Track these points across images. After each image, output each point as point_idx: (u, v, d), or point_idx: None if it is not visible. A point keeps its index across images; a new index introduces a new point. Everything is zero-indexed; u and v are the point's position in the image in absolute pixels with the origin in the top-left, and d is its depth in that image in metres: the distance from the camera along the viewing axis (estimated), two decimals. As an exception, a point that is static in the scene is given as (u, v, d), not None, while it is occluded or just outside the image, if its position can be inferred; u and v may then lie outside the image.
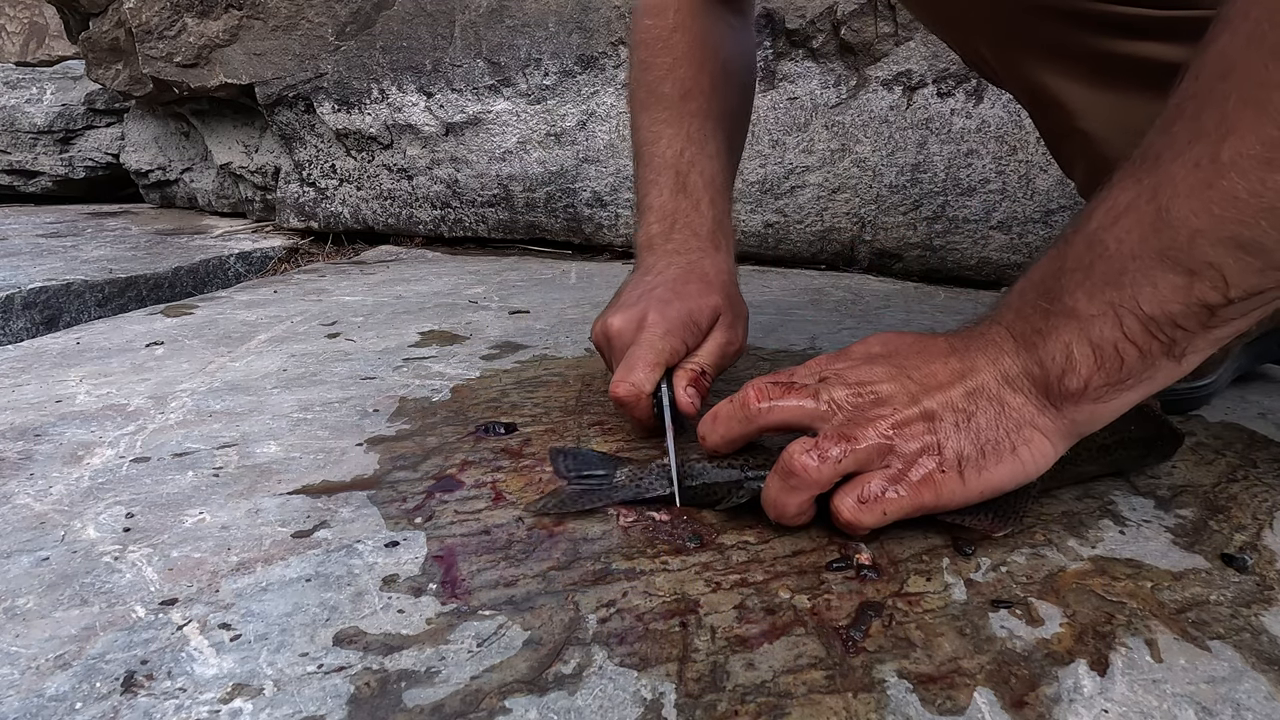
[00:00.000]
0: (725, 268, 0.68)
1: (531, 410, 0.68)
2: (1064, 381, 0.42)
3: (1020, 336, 0.44)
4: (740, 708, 0.35)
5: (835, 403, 0.45)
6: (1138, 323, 0.39)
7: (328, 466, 0.58)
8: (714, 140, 0.71)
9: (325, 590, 0.43)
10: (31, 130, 2.22)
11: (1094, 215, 0.41)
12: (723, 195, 0.71)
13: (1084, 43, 0.55)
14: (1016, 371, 0.44)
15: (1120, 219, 0.39)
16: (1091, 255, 0.41)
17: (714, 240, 0.68)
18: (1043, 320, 0.43)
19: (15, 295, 1.15)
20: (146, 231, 1.72)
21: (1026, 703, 0.35)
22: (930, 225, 1.27)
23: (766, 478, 0.47)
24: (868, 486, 0.44)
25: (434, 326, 0.96)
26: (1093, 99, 0.57)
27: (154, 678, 0.36)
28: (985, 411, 0.44)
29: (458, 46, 1.46)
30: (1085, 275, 0.41)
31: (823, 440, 0.44)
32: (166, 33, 1.61)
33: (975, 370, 0.45)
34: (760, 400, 0.47)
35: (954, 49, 0.69)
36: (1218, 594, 0.42)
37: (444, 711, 0.34)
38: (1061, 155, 0.66)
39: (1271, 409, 0.68)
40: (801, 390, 0.47)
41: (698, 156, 0.70)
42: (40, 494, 0.54)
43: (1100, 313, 0.40)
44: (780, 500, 0.46)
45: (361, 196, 1.62)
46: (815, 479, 0.44)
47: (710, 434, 0.50)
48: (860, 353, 0.49)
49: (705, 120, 0.71)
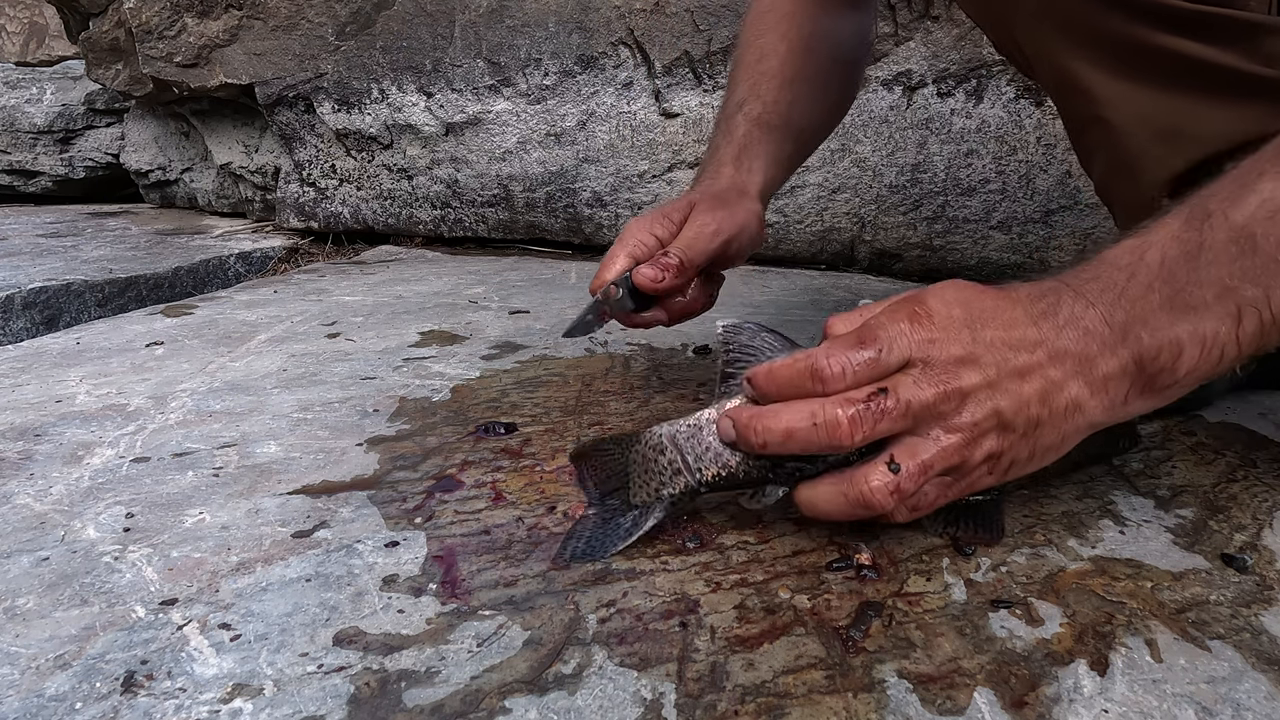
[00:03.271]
0: (732, 179, 0.70)
1: (531, 410, 0.68)
2: (1158, 379, 0.41)
3: (1120, 327, 0.41)
4: (740, 708, 0.34)
5: (916, 411, 0.41)
6: (1257, 323, 0.39)
7: (328, 466, 0.58)
8: (777, 91, 0.73)
9: (325, 590, 0.43)
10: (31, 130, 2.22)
11: (1243, 205, 0.39)
12: (764, 128, 0.72)
13: (1118, 31, 0.55)
14: (1113, 372, 0.41)
15: (1277, 215, 0.38)
16: (1239, 249, 0.39)
17: (736, 162, 0.70)
18: (1156, 312, 0.40)
19: (15, 295, 1.15)
20: (146, 231, 1.72)
21: (1026, 703, 0.35)
22: (930, 225, 1.27)
23: (815, 482, 0.43)
24: (924, 499, 0.43)
25: (434, 326, 0.96)
26: (1119, 90, 0.57)
27: (154, 678, 0.36)
28: (1055, 420, 0.42)
29: (458, 46, 1.46)
30: (1225, 268, 0.39)
31: (905, 480, 0.41)
32: (166, 33, 1.61)
33: (1060, 361, 0.41)
34: (849, 436, 0.40)
35: (986, 32, 0.70)
36: (1218, 594, 0.42)
37: (444, 711, 0.34)
38: (1081, 146, 0.66)
39: (1271, 409, 0.68)
40: (886, 415, 0.41)
41: (748, 99, 0.73)
42: (40, 494, 0.54)
43: (1227, 310, 0.39)
44: (834, 513, 0.43)
45: (361, 196, 1.62)
46: (882, 511, 0.42)
47: (765, 386, 0.44)
48: (942, 315, 0.42)
49: (773, 77, 0.73)
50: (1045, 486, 0.54)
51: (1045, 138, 1.18)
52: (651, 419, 0.66)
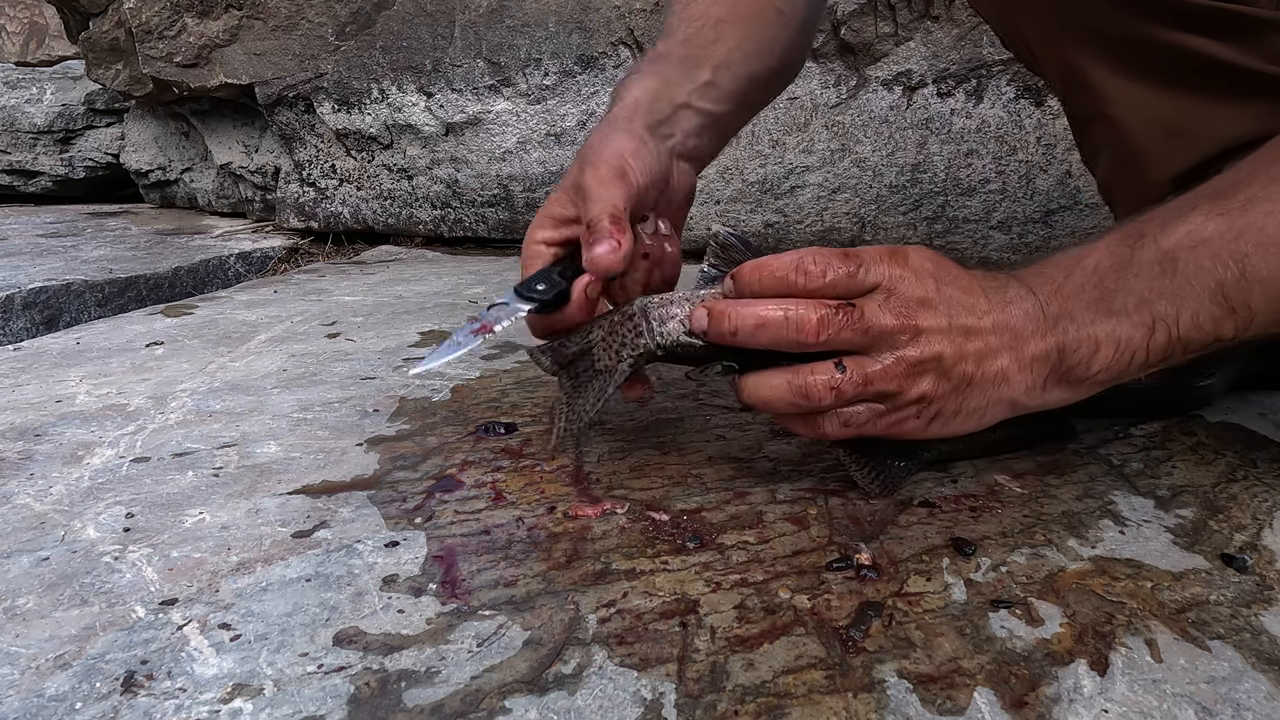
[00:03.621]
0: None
1: (531, 410, 0.68)
2: (1073, 370, 0.45)
3: (1052, 317, 0.45)
4: (740, 708, 0.34)
5: (876, 332, 0.45)
6: (1166, 336, 0.43)
7: (328, 466, 0.58)
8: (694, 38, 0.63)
9: (325, 590, 0.43)
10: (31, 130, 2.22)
11: (1172, 232, 0.44)
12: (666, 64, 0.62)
13: (1128, 29, 0.55)
14: (1039, 354, 0.45)
15: (1199, 247, 0.43)
16: (1160, 269, 0.44)
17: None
18: (1083, 310, 0.45)
19: (15, 295, 1.15)
20: (146, 231, 1.72)
21: (1026, 703, 0.35)
22: (930, 225, 1.27)
23: (763, 370, 0.47)
24: (855, 416, 0.47)
25: (434, 326, 0.96)
26: (1127, 88, 0.57)
27: (154, 678, 0.36)
28: (983, 384, 0.46)
29: (458, 46, 1.46)
30: (1146, 283, 0.44)
31: (846, 382, 0.45)
32: (166, 33, 1.61)
33: (1000, 331, 0.46)
34: (816, 335, 0.45)
35: (993, 27, 0.70)
36: (1218, 594, 0.42)
37: (444, 711, 0.34)
38: (1086, 144, 0.66)
39: (1271, 409, 0.68)
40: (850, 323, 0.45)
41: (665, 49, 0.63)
42: (40, 494, 0.54)
43: (1143, 319, 0.44)
44: (773, 400, 0.47)
45: (361, 196, 1.62)
46: (820, 407, 0.46)
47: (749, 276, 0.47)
48: (915, 263, 0.47)
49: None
50: (1045, 486, 0.54)
51: (1045, 138, 1.18)
52: (651, 419, 0.66)
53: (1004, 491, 0.53)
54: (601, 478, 0.55)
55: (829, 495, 0.52)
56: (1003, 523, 0.49)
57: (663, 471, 0.56)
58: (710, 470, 0.56)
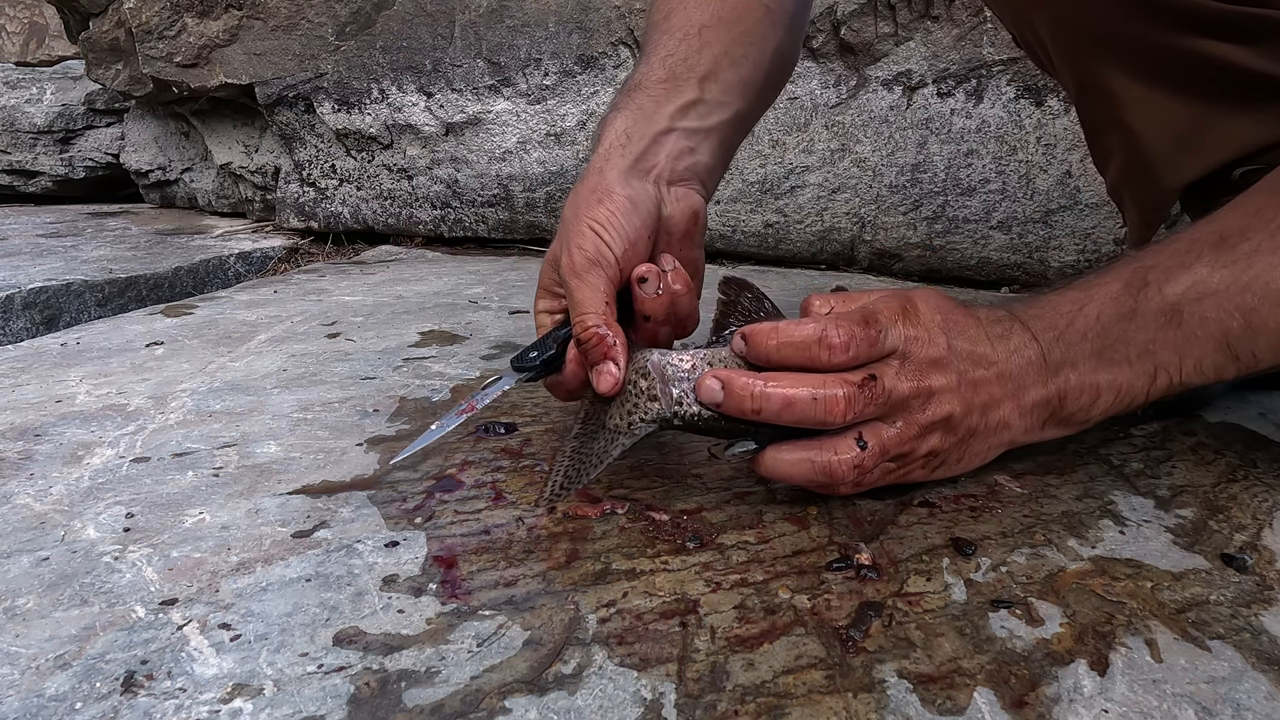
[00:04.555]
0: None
1: (531, 410, 0.68)
2: (1073, 416, 0.47)
3: (1054, 364, 0.47)
4: (740, 708, 0.35)
5: (894, 401, 0.45)
6: (1167, 382, 0.45)
7: (328, 466, 0.58)
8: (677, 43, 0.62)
9: (325, 590, 0.43)
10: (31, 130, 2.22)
11: (1177, 282, 0.45)
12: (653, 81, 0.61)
13: (1147, 34, 0.55)
14: (1039, 400, 0.47)
15: (1205, 299, 0.44)
16: (1165, 320, 0.45)
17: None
18: (1085, 359, 0.46)
19: (15, 295, 1.15)
20: (146, 231, 1.72)
21: (1026, 703, 0.35)
22: (930, 225, 1.27)
23: (783, 444, 0.47)
24: (869, 478, 0.47)
25: (434, 326, 0.96)
26: (1143, 94, 0.57)
27: (154, 678, 0.36)
28: (986, 432, 0.48)
29: (458, 46, 1.46)
30: (1151, 335, 0.45)
31: (868, 458, 0.46)
32: (166, 33, 1.61)
33: (1004, 381, 0.47)
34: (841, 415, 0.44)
35: (1008, 27, 0.69)
36: (1218, 594, 0.42)
37: (444, 711, 0.34)
38: (1099, 148, 0.65)
39: (1271, 409, 0.68)
40: (875, 399, 0.45)
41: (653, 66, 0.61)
42: (40, 494, 0.54)
43: (1145, 369, 0.45)
44: (794, 476, 0.47)
45: (361, 196, 1.62)
46: (841, 481, 0.46)
47: (764, 345, 0.46)
48: (926, 317, 0.47)
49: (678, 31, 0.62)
50: (1045, 486, 0.54)
51: (1045, 138, 1.18)
52: (651, 419, 0.66)
53: (1004, 491, 0.53)
54: (601, 478, 0.55)
55: (829, 495, 0.52)
56: (1003, 523, 0.49)
57: (663, 471, 0.56)
58: (710, 470, 0.56)
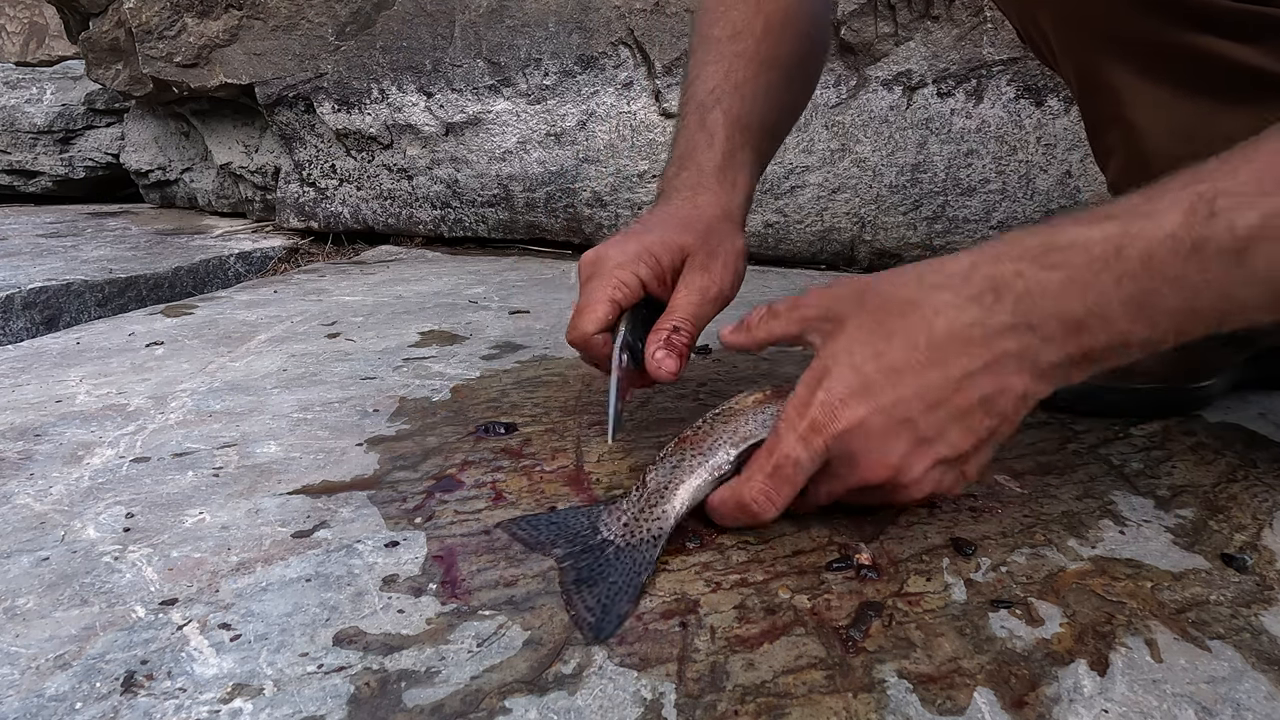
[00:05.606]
0: (721, 204, 0.63)
1: (531, 410, 0.68)
2: (1071, 376, 0.43)
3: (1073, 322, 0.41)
4: (740, 708, 0.34)
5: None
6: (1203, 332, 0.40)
7: (328, 466, 0.58)
8: (755, 83, 0.66)
9: (325, 590, 0.43)
10: (31, 130, 2.22)
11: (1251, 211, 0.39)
12: (745, 132, 0.66)
13: (1151, 31, 0.55)
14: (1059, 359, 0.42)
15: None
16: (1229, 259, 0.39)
17: (717, 177, 0.63)
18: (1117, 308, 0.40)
19: (15, 295, 1.15)
20: (146, 231, 1.72)
21: (1026, 703, 0.35)
22: (930, 225, 1.27)
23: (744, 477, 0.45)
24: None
25: (434, 326, 0.96)
26: (1146, 91, 0.57)
27: (154, 678, 0.36)
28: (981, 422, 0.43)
29: (458, 46, 1.46)
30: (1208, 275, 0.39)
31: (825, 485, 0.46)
32: (166, 33, 1.61)
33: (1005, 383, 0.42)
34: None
35: (1012, 21, 0.69)
36: (1218, 594, 0.42)
37: (444, 711, 0.34)
38: (1100, 145, 0.65)
39: (1271, 409, 0.68)
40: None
41: (727, 92, 0.65)
42: (40, 494, 0.54)
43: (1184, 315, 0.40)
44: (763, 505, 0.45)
45: (361, 196, 1.62)
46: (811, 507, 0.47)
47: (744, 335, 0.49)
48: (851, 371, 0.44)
49: (749, 61, 0.66)
50: (1045, 486, 0.54)
51: (1045, 138, 1.18)
52: (652, 419, 0.66)
53: (1004, 491, 0.53)
54: (601, 478, 0.55)
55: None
56: (1003, 523, 0.49)
57: (663, 471, 0.56)
58: (710, 470, 0.56)
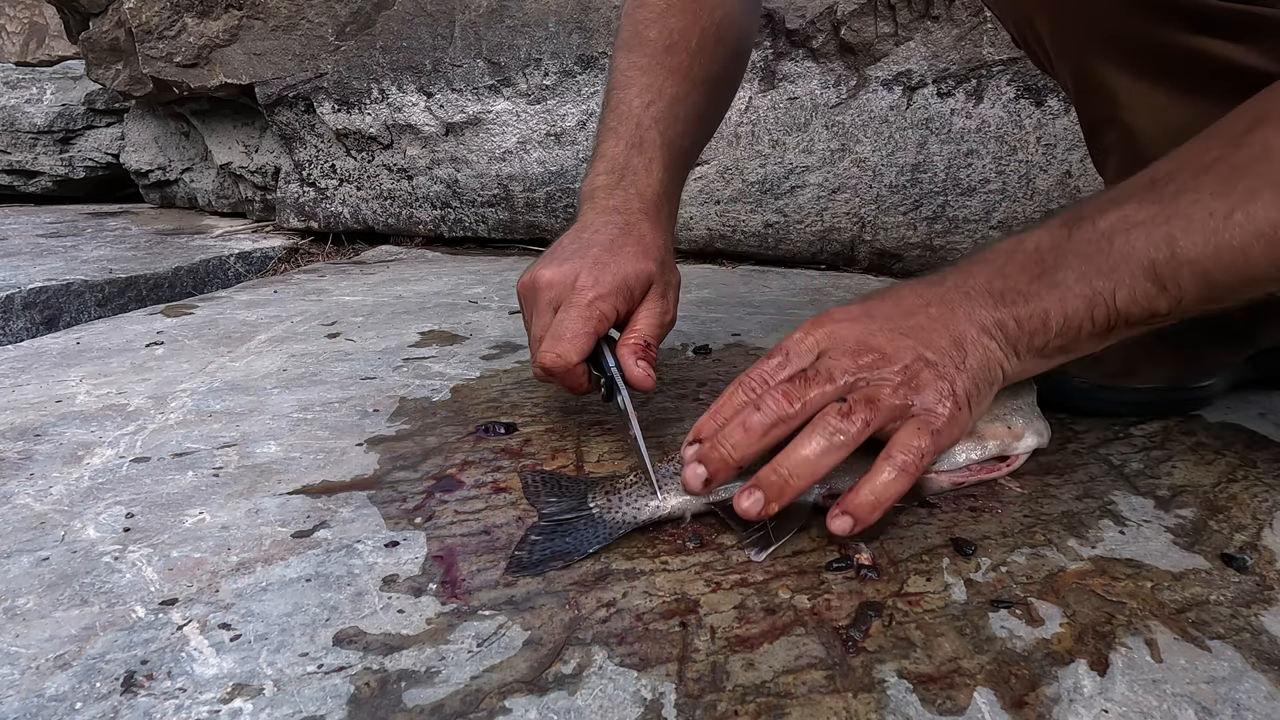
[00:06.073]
0: (663, 236, 0.65)
1: (531, 410, 0.68)
2: (1032, 339, 0.48)
3: (998, 294, 0.48)
4: (740, 708, 0.35)
5: (848, 372, 0.47)
6: (1105, 311, 0.46)
7: (328, 466, 0.58)
8: (686, 103, 0.67)
9: (325, 590, 0.43)
10: (31, 130, 2.22)
11: (1106, 216, 0.47)
12: (678, 162, 0.68)
13: (1147, 32, 0.55)
14: (991, 322, 0.48)
15: (1133, 230, 0.46)
16: (1095, 248, 0.46)
17: (656, 206, 0.65)
18: (1029, 284, 0.47)
19: (15, 295, 1.15)
20: (146, 231, 1.72)
21: (1026, 703, 0.35)
22: (930, 225, 1.27)
23: (792, 443, 0.45)
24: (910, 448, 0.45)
25: (434, 326, 0.96)
26: (1142, 92, 0.57)
27: (154, 678, 0.36)
28: (974, 353, 0.48)
29: (458, 46, 1.46)
30: (1084, 261, 0.46)
31: (854, 406, 0.45)
32: (166, 33, 1.61)
33: (955, 319, 0.48)
34: (791, 403, 0.46)
35: (1007, 26, 0.69)
36: (1218, 594, 0.42)
37: (444, 711, 0.34)
38: (1097, 147, 0.65)
39: (1271, 409, 0.68)
40: (816, 378, 0.47)
41: (664, 115, 0.66)
42: (40, 494, 0.54)
43: (1082, 293, 0.46)
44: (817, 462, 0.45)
45: (361, 196, 1.62)
46: (848, 441, 0.45)
47: (707, 424, 0.48)
48: (840, 315, 0.50)
49: (683, 80, 0.67)
50: (1045, 486, 0.54)
51: (1045, 138, 1.18)
52: (652, 419, 0.66)
53: (1004, 491, 0.53)
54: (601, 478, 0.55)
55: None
56: (1003, 523, 0.49)
57: (663, 471, 0.56)
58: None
